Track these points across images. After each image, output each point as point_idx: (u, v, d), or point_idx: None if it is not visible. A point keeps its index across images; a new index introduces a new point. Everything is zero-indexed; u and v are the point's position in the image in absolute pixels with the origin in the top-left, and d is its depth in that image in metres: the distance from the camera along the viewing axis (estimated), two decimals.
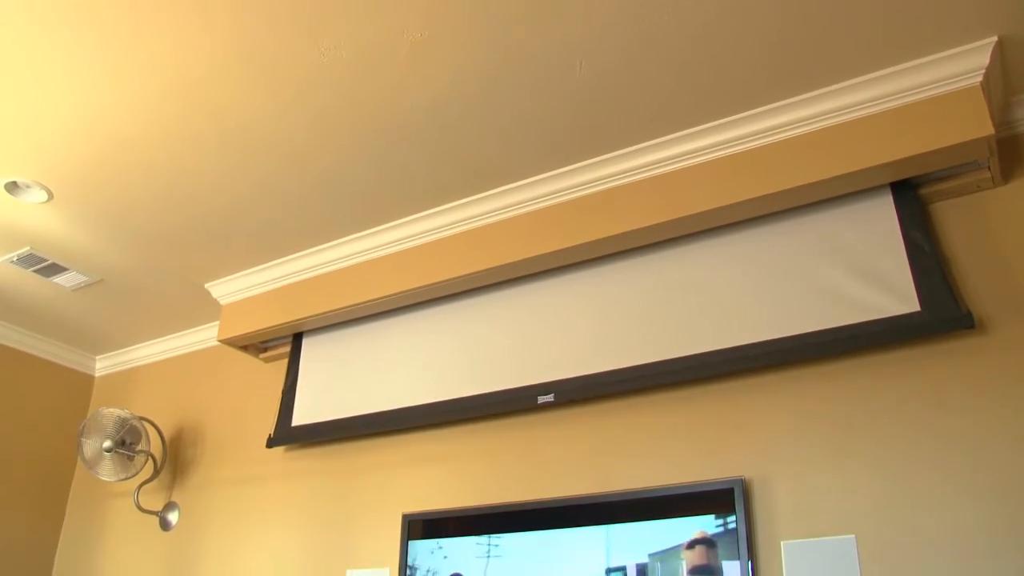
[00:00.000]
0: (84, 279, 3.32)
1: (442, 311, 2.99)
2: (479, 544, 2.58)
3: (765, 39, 2.08)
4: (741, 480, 2.21)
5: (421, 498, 2.84)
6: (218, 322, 3.50)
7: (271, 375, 3.49)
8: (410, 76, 2.21)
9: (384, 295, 2.92)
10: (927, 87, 2.15)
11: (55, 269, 3.23)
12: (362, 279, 3.01)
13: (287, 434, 3.16)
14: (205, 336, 3.79)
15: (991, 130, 2.04)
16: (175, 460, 3.64)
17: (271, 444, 3.16)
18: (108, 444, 3.33)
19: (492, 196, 2.75)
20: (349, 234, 3.02)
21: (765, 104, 2.32)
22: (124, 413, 3.40)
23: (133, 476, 3.42)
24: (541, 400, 2.58)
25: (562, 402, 2.61)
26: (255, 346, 3.44)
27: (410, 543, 2.71)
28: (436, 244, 2.88)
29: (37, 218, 2.89)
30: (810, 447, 2.22)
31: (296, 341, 3.34)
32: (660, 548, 2.26)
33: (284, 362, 3.42)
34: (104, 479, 3.37)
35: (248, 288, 3.31)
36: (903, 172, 2.21)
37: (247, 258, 3.20)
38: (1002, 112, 2.29)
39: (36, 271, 3.24)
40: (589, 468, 2.54)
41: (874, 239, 2.27)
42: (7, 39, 2.08)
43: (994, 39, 2.06)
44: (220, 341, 3.33)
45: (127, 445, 3.38)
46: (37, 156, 2.54)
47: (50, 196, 2.74)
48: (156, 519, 3.55)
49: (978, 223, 2.25)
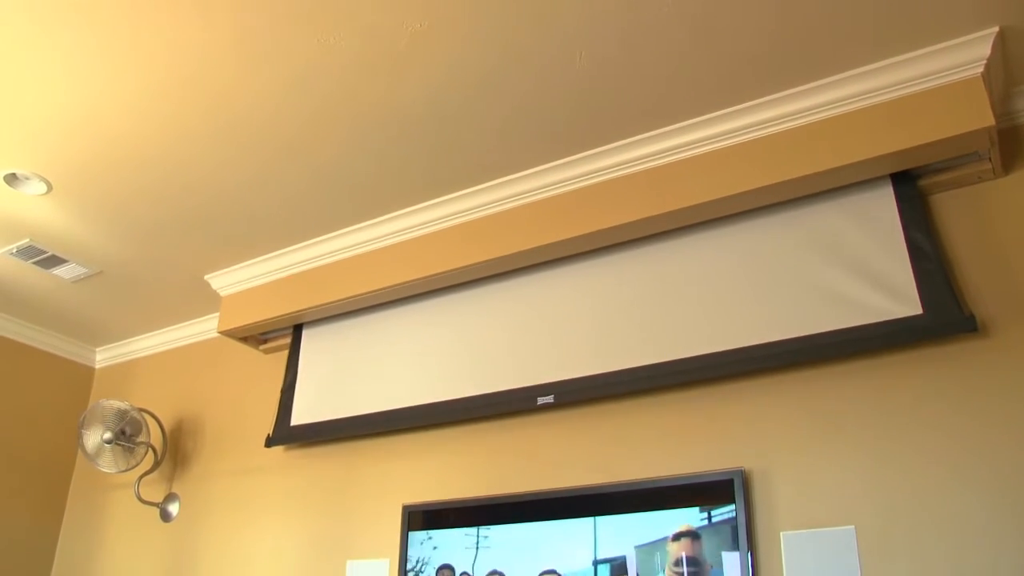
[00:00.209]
0: (84, 271, 3.32)
1: (441, 303, 2.99)
2: (467, 535, 2.59)
3: (764, 30, 2.07)
4: (741, 471, 2.22)
5: (421, 490, 2.84)
6: (218, 314, 3.50)
7: (271, 366, 3.49)
8: (409, 67, 2.20)
9: (384, 286, 2.92)
10: (928, 78, 2.15)
11: (55, 261, 3.23)
12: (362, 270, 3.01)
13: (286, 434, 3.16)
14: (205, 328, 3.79)
15: (992, 121, 2.04)
16: (175, 451, 3.65)
17: (270, 444, 3.16)
18: (108, 436, 3.33)
19: (491, 187, 2.74)
20: (349, 225, 3.01)
21: (765, 95, 2.31)
22: (124, 405, 3.40)
23: (133, 468, 3.42)
24: (541, 401, 2.59)
25: (562, 403, 2.61)
26: (255, 337, 3.44)
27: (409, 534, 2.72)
28: (435, 235, 2.88)
29: (36, 210, 2.88)
30: (810, 438, 2.23)
31: (296, 333, 3.34)
32: (647, 540, 2.27)
33: (284, 354, 3.42)
34: (104, 471, 3.38)
35: (248, 279, 3.31)
36: (904, 163, 2.21)
37: (247, 249, 3.19)
38: (1003, 103, 2.28)
39: (36, 263, 3.24)
40: (588, 461, 2.54)
41: (875, 236, 2.25)
42: (5, 29, 2.07)
43: (995, 30, 2.06)
44: (220, 332, 3.34)
45: (127, 437, 3.39)
46: (36, 148, 2.54)
47: (49, 188, 2.74)
48: (157, 510, 3.56)
49: (979, 215, 2.24)
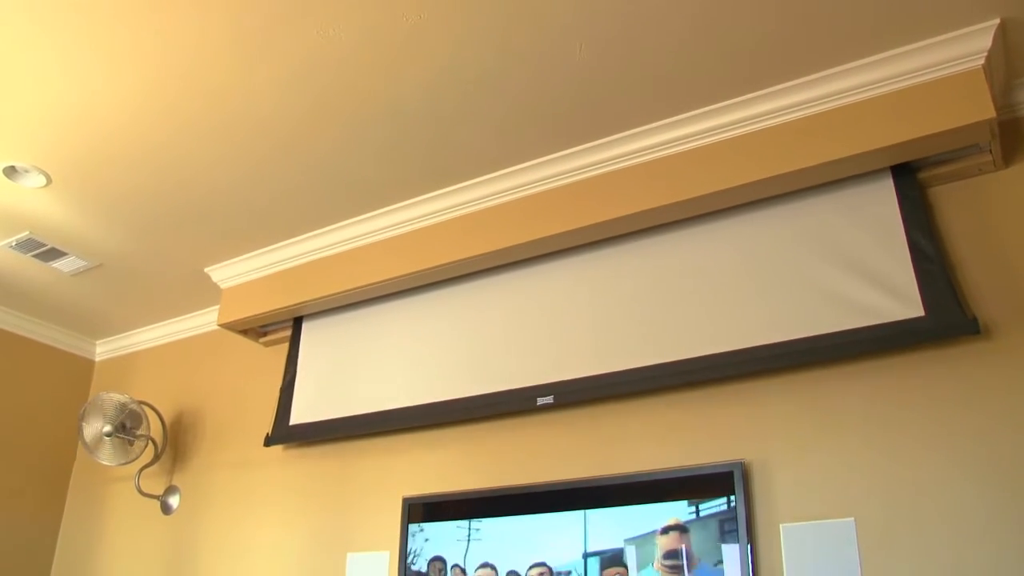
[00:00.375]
0: (83, 264, 3.31)
1: (440, 296, 2.98)
2: (459, 528, 2.60)
3: (764, 21, 2.07)
4: (740, 463, 2.22)
5: (420, 484, 2.85)
6: (218, 306, 3.50)
7: (271, 359, 3.49)
8: (408, 60, 2.20)
9: (384, 279, 2.92)
10: (929, 70, 2.14)
11: (54, 254, 3.23)
12: (362, 263, 3.01)
13: (284, 433, 3.16)
14: (205, 320, 3.79)
15: (993, 113, 2.03)
16: (175, 444, 3.65)
17: (269, 443, 3.15)
18: (108, 428, 3.33)
19: (490, 180, 2.74)
20: (349, 218, 3.01)
21: (765, 87, 2.31)
22: (124, 398, 3.40)
23: (134, 460, 3.43)
24: (541, 402, 2.59)
25: (562, 403, 2.61)
26: (255, 330, 3.44)
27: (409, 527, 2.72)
28: (435, 228, 2.88)
29: (36, 203, 2.88)
30: (809, 432, 2.23)
31: (296, 326, 3.34)
32: (638, 533, 2.27)
33: (284, 346, 3.42)
34: (105, 463, 3.38)
35: (248, 272, 3.31)
36: (904, 155, 2.21)
37: (247, 242, 3.19)
38: (1004, 95, 2.28)
39: (35, 256, 3.24)
40: (588, 458, 2.54)
41: (876, 233, 2.24)
42: (4, 25, 2.06)
43: (996, 21, 2.05)
44: (220, 325, 3.34)
45: (127, 429, 3.39)
46: (35, 140, 2.53)
47: (49, 181, 2.74)
48: (157, 503, 3.57)
49: (979, 207, 2.24)
